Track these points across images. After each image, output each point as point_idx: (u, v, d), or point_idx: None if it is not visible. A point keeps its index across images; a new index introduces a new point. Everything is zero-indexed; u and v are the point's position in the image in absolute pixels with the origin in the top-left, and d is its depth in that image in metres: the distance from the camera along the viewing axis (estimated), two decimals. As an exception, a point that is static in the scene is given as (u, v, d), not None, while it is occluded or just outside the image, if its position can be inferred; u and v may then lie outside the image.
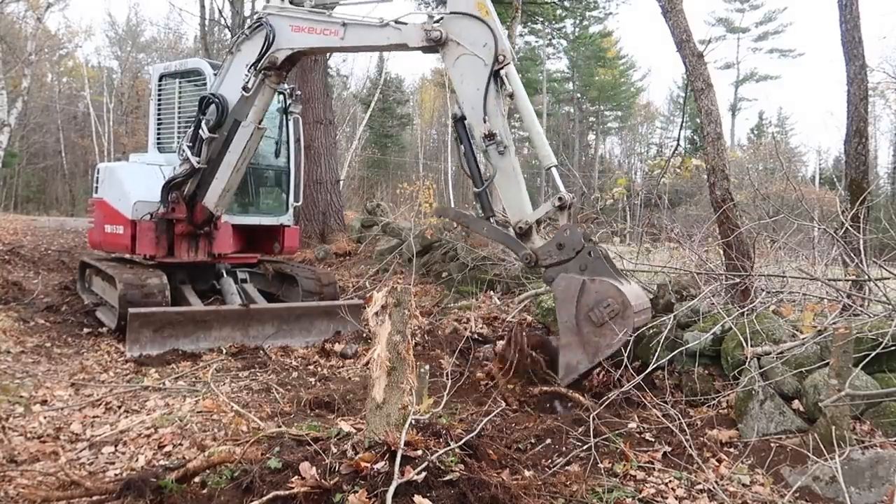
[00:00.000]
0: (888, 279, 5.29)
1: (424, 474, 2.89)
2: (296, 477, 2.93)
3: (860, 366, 4.05)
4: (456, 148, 6.22)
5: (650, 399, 4.66)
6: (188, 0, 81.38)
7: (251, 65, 6.80)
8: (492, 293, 9.20)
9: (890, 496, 3.23)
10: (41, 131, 38.34)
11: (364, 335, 7.19)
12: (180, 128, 8.33)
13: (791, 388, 4.42)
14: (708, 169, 6.60)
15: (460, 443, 3.29)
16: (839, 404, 3.71)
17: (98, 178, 8.62)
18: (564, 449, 4.09)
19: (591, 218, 8.70)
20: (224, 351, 6.85)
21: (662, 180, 10.28)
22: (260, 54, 6.74)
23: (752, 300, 5.38)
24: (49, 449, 4.17)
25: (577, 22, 41.76)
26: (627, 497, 3.51)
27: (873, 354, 4.13)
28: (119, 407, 5.12)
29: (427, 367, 4.17)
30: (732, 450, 4.17)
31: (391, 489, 2.74)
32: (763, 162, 29.10)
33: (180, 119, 8.40)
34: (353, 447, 3.13)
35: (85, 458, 4.14)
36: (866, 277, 5.55)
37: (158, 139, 8.69)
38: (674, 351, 5.08)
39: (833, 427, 3.68)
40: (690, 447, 3.92)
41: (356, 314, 7.29)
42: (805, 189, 15.16)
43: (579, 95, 48.31)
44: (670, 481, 3.76)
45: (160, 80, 8.74)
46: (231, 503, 3.00)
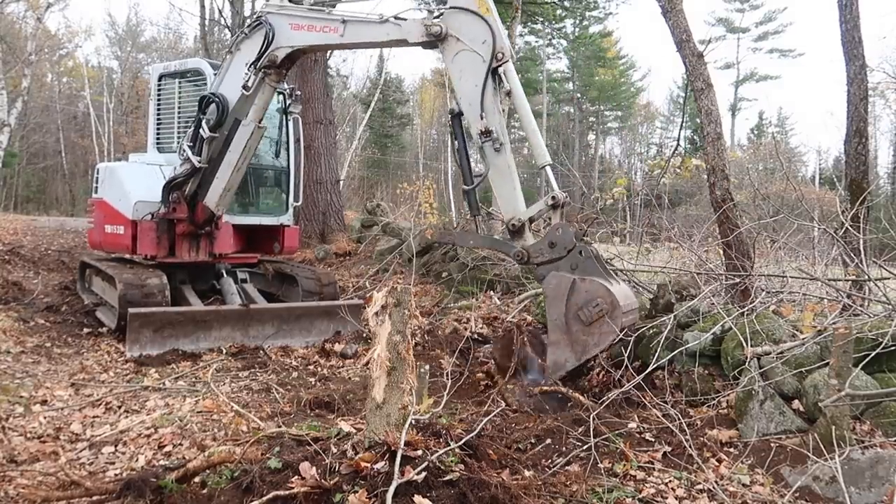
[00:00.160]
0: (888, 279, 5.30)
1: (424, 474, 2.89)
2: (296, 477, 2.93)
3: (860, 366, 4.06)
4: (452, 144, 6.22)
5: (650, 399, 4.66)
6: (188, 0, 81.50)
7: (251, 63, 6.81)
8: (492, 293, 9.20)
9: (890, 496, 3.24)
10: (41, 131, 38.33)
11: (364, 335, 7.19)
12: (180, 128, 8.33)
13: (791, 388, 4.41)
14: (708, 169, 6.61)
15: (460, 443, 3.29)
16: (839, 404, 3.72)
17: (98, 178, 8.60)
18: (564, 449, 4.09)
19: (591, 218, 8.68)
20: (224, 351, 6.85)
21: (662, 180, 10.27)
22: (260, 53, 6.74)
23: (752, 300, 5.38)
24: (49, 449, 4.17)
25: (577, 22, 41.86)
26: (627, 497, 3.50)
27: (873, 354, 4.13)
28: (119, 407, 5.12)
29: (427, 367, 4.17)
30: (732, 450, 4.17)
31: (391, 489, 2.74)
32: (763, 162, 29.15)
33: (180, 119, 8.40)
34: (353, 447, 3.13)
35: (85, 458, 4.13)
36: (866, 277, 5.55)
37: (158, 139, 8.69)
38: (674, 351, 5.09)
39: (833, 427, 3.68)
40: (690, 447, 3.92)
41: (356, 314, 7.28)
42: (805, 189, 15.15)
43: (579, 95, 48.34)
44: (670, 481, 3.76)
45: (159, 80, 8.74)
46: (231, 503, 3.00)
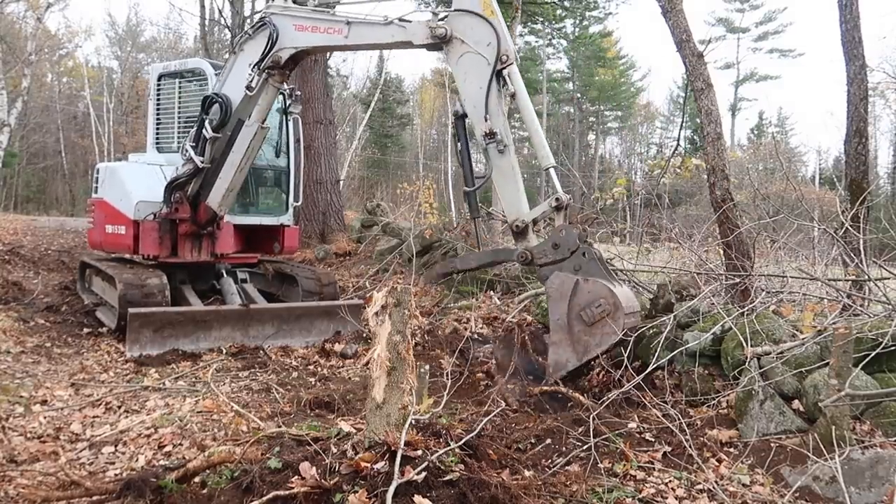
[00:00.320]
0: (888, 279, 5.30)
1: (424, 474, 2.89)
2: (296, 477, 2.93)
3: (860, 366, 4.06)
4: (453, 145, 6.24)
5: (650, 399, 4.66)
6: (188, 0, 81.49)
7: (254, 64, 6.81)
8: (492, 293, 9.19)
9: (890, 496, 3.24)
10: (41, 131, 38.32)
11: (364, 335, 7.18)
12: (180, 128, 8.33)
13: (791, 388, 4.41)
14: (708, 169, 6.61)
15: (460, 443, 3.29)
16: (839, 404, 3.72)
17: (98, 179, 8.59)
18: (564, 449, 4.09)
19: (591, 218, 8.69)
20: (224, 351, 6.84)
21: (662, 180, 10.28)
22: (263, 53, 6.74)
23: (752, 300, 5.38)
24: (49, 449, 4.17)
25: (577, 22, 41.83)
26: (627, 497, 3.50)
27: (873, 354, 4.13)
28: (119, 407, 5.12)
29: (427, 367, 4.17)
30: (732, 450, 4.17)
31: (391, 489, 2.74)
32: (763, 162, 29.17)
33: (180, 119, 8.40)
34: (353, 447, 3.13)
35: (85, 458, 4.13)
36: (866, 277, 5.55)
37: (157, 139, 8.68)
38: (674, 351, 5.09)
39: (833, 427, 3.68)
40: (690, 447, 3.92)
41: (356, 314, 7.28)
42: (805, 189, 15.17)
43: (579, 95, 48.34)
44: (670, 481, 3.76)
45: (159, 80, 8.73)
46: (231, 503, 3.00)
